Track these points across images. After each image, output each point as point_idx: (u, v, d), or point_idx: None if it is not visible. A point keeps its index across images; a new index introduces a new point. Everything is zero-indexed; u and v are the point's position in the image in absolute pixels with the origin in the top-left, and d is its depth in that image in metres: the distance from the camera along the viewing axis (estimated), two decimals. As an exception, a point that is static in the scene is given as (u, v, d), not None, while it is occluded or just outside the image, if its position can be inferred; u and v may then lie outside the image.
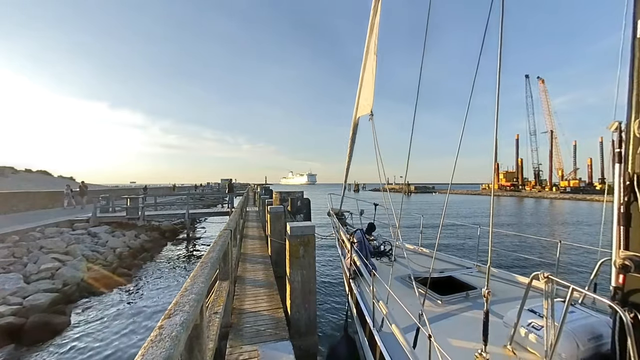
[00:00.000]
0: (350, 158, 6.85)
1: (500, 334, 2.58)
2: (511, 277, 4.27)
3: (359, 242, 4.83)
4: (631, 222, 1.68)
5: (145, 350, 1.15)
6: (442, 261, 5.19)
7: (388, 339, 2.86)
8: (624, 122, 1.74)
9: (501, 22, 1.82)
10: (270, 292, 5.04)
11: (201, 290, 1.83)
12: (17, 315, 5.93)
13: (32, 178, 31.09)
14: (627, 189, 1.69)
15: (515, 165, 78.82)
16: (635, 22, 1.66)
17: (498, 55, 1.85)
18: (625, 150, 1.72)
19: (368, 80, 5.28)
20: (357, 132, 6.43)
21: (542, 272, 1.88)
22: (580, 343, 2.15)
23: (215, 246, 3.08)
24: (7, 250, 8.53)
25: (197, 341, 1.84)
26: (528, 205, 42.07)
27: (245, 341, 3.45)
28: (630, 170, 1.70)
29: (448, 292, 3.72)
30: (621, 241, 1.70)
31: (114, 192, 23.56)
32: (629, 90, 1.70)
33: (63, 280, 7.67)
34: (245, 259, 7.20)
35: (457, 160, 2.51)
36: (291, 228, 4.47)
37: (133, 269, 10.10)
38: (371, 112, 4.79)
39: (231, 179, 38.98)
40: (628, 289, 1.68)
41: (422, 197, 65.06)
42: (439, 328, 2.97)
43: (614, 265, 1.70)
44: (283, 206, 9.10)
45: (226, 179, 47.85)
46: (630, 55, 1.69)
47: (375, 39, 5.03)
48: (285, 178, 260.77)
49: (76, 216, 14.11)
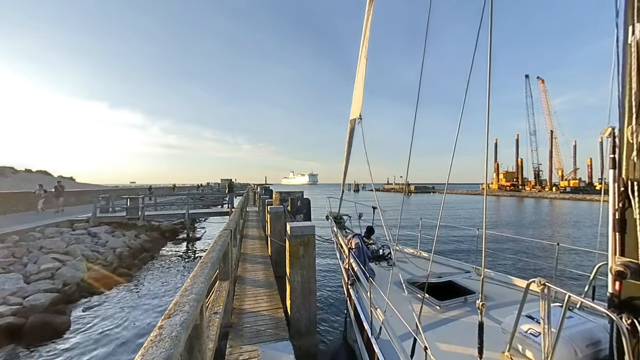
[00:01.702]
0: (347, 161, 6.84)
1: (498, 339, 2.58)
2: (509, 280, 4.27)
3: (357, 247, 4.80)
4: (626, 228, 1.67)
5: (145, 351, 1.15)
6: (440, 265, 5.18)
7: (386, 346, 2.85)
8: (618, 127, 1.73)
9: (490, 22, 1.82)
10: (270, 292, 5.04)
11: (201, 290, 1.83)
12: (17, 315, 5.92)
13: (32, 178, 31.05)
14: (622, 195, 1.68)
15: (515, 165, 78.86)
16: (627, 28, 1.65)
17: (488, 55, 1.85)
18: (619, 156, 1.71)
19: (358, 84, 5.30)
20: (353, 135, 6.43)
21: (538, 278, 1.86)
22: (578, 349, 2.15)
23: (215, 246, 3.08)
24: (7, 250, 8.53)
25: (197, 341, 1.84)
26: (528, 205, 42.06)
27: (245, 341, 3.45)
28: (624, 176, 1.69)
29: (447, 297, 3.71)
30: (617, 247, 1.69)
31: (114, 192, 23.56)
32: (621, 96, 1.69)
33: (63, 281, 7.67)
34: (245, 259, 7.20)
35: (452, 160, 2.51)
36: (291, 228, 4.47)
37: (133, 269, 10.10)
38: (360, 115, 4.78)
39: (231, 179, 38.99)
40: (624, 296, 1.66)
41: (422, 197, 65.04)
42: (438, 334, 2.97)
43: (610, 272, 1.69)
44: (283, 206, 9.09)
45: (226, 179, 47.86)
46: (622, 61, 1.68)
47: (367, 44, 5.04)
48: (287, 178, 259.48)
49: (76, 216, 14.10)
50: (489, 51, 1.84)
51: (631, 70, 1.63)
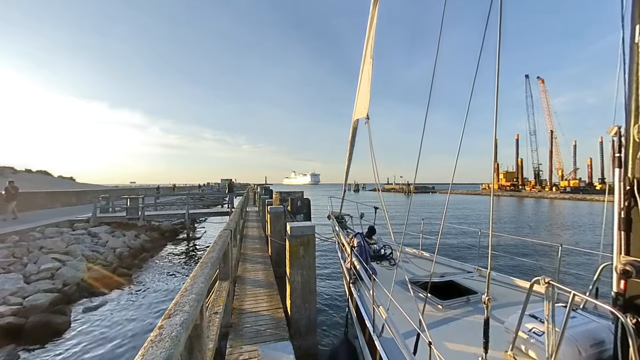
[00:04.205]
0: (349, 160, 6.85)
1: (501, 339, 2.56)
2: (511, 281, 4.25)
3: (359, 246, 4.80)
4: (632, 227, 1.66)
5: (145, 351, 1.15)
6: (442, 265, 5.17)
7: (388, 344, 2.85)
8: (624, 126, 1.72)
9: (499, 21, 1.81)
10: (270, 292, 5.04)
11: (201, 290, 1.83)
12: (17, 315, 5.92)
13: (32, 178, 31.06)
14: (628, 193, 1.68)
15: (515, 165, 78.87)
16: (634, 27, 1.65)
17: (496, 55, 1.84)
18: (625, 155, 1.71)
19: (364, 83, 5.28)
20: (356, 134, 6.42)
21: (543, 277, 1.86)
22: (582, 349, 2.13)
23: (215, 246, 3.08)
24: (7, 250, 8.53)
25: (197, 341, 1.84)
26: (528, 206, 42.06)
27: (245, 341, 3.45)
28: (630, 174, 1.69)
29: (449, 297, 3.70)
30: (622, 246, 1.69)
31: (114, 192, 23.56)
32: (628, 95, 1.68)
33: (63, 281, 7.67)
34: (245, 259, 7.20)
35: (457, 161, 2.50)
36: (291, 228, 4.47)
37: (133, 269, 10.10)
38: (367, 115, 4.78)
39: (231, 179, 38.97)
40: (630, 295, 1.66)
41: (422, 197, 65.03)
42: (440, 333, 2.96)
43: (615, 271, 1.68)
44: (283, 206, 9.08)
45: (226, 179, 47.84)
46: (628, 60, 1.67)
47: (372, 43, 5.02)
48: (288, 178, 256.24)
49: (76, 216, 14.10)
50: (497, 53, 1.83)
51: (638, 68, 1.63)
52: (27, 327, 5.69)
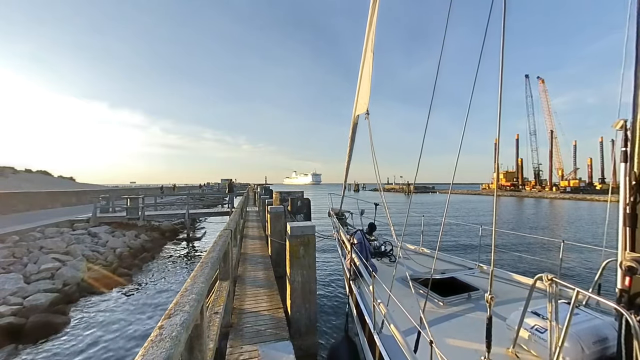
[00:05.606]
0: (350, 157, 6.83)
1: (503, 336, 2.54)
2: (513, 277, 4.23)
3: (359, 243, 4.80)
4: (637, 222, 1.64)
5: (145, 351, 1.15)
6: (443, 261, 5.15)
7: (388, 341, 2.83)
8: (630, 120, 1.70)
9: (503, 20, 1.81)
10: (271, 292, 5.03)
11: (201, 290, 1.82)
12: (18, 315, 5.92)
13: (32, 178, 31.07)
14: (633, 188, 1.66)
15: (515, 165, 78.88)
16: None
17: (500, 54, 1.83)
18: (631, 150, 1.69)
19: (365, 79, 5.25)
20: (356, 131, 6.39)
21: (545, 274, 1.84)
22: (585, 346, 2.12)
23: (216, 246, 3.07)
24: (7, 250, 8.53)
25: (197, 341, 1.84)
26: (528, 205, 42.06)
27: (245, 341, 3.44)
28: (636, 169, 1.66)
29: (450, 293, 3.68)
30: (627, 243, 1.66)
31: (114, 192, 23.57)
32: (634, 88, 1.67)
33: (63, 281, 7.67)
34: (245, 259, 7.20)
35: (457, 160, 2.49)
36: (291, 228, 4.46)
37: (133, 269, 10.10)
38: (367, 110, 4.77)
39: (231, 179, 38.98)
40: (634, 292, 1.64)
41: (422, 197, 65.02)
42: (441, 330, 2.94)
43: (620, 267, 1.67)
44: (283, 206, 9.07)
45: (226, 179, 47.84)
46: (634, 54, 1.66)
47: (373, 37, 4.98)
48: (289, 178, 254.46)
49: (76, 216, 14.10)
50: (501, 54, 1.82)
51: None
52: (27, 327, 5.69)
